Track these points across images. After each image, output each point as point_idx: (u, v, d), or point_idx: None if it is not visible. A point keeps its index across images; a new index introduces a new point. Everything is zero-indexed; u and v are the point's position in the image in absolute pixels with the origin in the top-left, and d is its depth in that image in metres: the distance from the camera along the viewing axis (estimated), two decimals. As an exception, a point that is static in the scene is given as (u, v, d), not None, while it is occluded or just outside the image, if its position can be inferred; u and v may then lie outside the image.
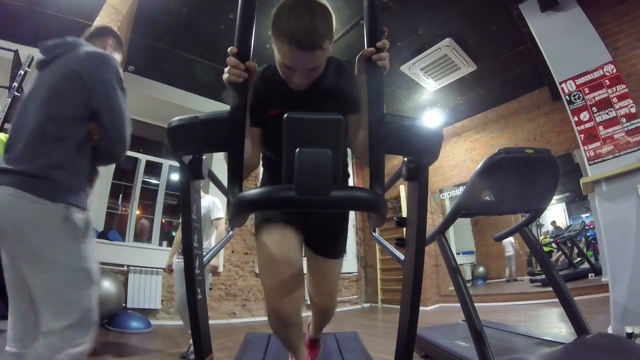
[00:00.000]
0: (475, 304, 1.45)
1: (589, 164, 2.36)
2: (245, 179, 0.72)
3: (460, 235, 7.49)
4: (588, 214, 6.85)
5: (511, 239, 6.84)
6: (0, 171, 0.92)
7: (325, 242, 1.19)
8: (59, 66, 1.04)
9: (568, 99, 2.51)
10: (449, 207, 5.87)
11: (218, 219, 2.63)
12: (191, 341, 2.46)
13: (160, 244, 4.46)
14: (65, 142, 0.97)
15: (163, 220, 4.72)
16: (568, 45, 2.58)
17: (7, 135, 1.54)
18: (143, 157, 4.70)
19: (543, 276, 4.23)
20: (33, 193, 0.90)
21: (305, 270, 1.13)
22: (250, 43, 0.70)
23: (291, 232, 1.09)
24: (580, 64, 2.48)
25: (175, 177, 5.02)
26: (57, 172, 0.94)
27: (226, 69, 0.71)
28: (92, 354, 0.91)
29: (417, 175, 0.70)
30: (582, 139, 2.41)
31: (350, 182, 6.25)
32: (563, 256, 5.92)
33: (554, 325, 2.80)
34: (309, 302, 1.36)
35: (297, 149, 0.56)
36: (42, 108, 0.98)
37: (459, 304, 1.49)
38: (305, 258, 1.19)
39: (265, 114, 0.95)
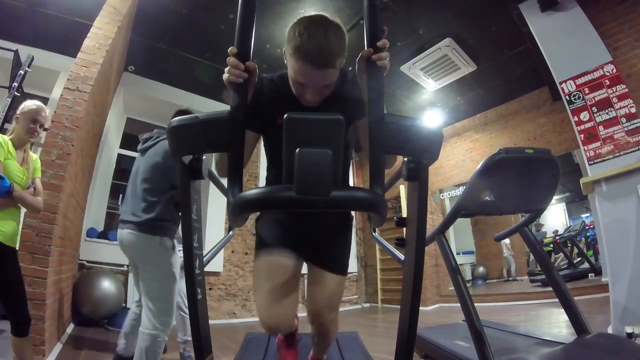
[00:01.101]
0: (475, 304, 1.45)
1: (589, 164, 2.36)
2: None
3: (460, 235, 7.49)
4: (588, 214, 6.85)
5: (506, 240, 6.91)
6: (122, 221, 1.69)
7: (326, 256, 1.15)
8: (151, 156, 1.76)
9: (568, 99, 2.51)
10: (449, 207, 5.87)
11: None
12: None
13: (160, 244, 4.46)
14: (158, 204, 1.65)
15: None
16: (568, 45, 2.59)
17: (4, 137, 1.56)
18: (143, 157, 4.70)
19: (543, 276, 4.23)
20: (144, 232, 1.62)
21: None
22: (251, 43, 0.70)
23: (289, 257, 1.08)
24: (580, 64, 2.48)
25: (175, 177, 5.02)
26: (155, 221, 1.64)
27: (226, 69, 0.71)
28: (92, 353, 0.93)
29: (417, 175, 0.70)
30: (582, 139, 2.41)
31: (350, 183, 6.24)
32: (561, 258, 5.92)
33: (554, 325, 2.80)
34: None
35: (297, 149, 0.56)
36: (142, 185, 1.69)
37: (459, 304, 1.49)
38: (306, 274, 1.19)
39: (271, 122, 0.95)
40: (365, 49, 0.71)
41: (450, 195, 5.59)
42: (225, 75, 0.71)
